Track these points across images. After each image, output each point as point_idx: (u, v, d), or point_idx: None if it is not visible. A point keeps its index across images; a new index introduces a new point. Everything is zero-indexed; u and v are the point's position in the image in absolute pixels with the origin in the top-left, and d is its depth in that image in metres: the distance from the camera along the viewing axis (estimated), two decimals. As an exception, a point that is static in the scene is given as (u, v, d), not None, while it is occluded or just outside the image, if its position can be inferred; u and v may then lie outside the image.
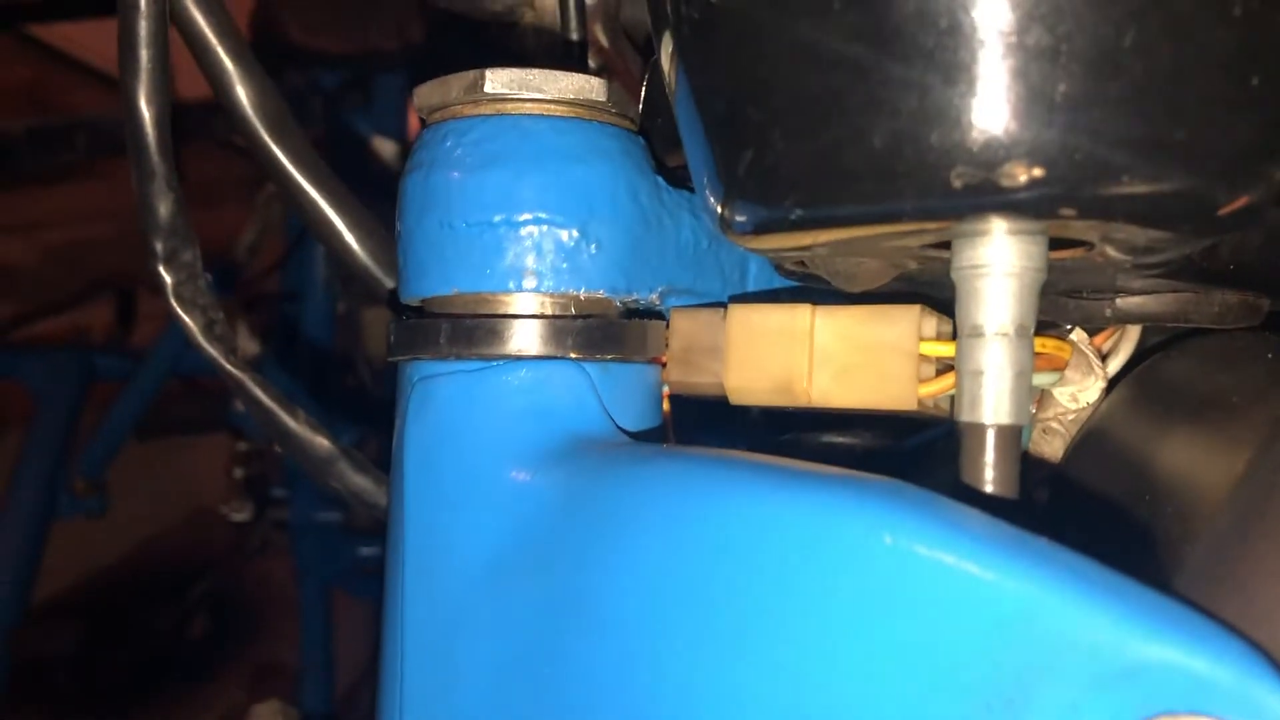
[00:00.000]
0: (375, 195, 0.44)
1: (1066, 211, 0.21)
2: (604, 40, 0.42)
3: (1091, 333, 0.35)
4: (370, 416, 1.34)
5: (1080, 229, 0.23)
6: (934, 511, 0.22)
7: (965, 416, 0.26)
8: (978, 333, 0.25)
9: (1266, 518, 0.21)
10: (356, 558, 1.52)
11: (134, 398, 1.66)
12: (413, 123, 1.34)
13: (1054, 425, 0.34)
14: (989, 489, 0.25)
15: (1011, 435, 0.25)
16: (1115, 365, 0.35)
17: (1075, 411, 0.33)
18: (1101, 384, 0.33)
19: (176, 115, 0.38)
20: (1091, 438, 0.32)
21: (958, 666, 0.21)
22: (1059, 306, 0.34)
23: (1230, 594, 0.20)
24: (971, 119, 0.20)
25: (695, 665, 0.25)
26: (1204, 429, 0.28)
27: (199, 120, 1.49)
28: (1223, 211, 0.21)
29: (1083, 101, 0.20)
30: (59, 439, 1.62)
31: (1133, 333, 0.35)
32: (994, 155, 0.20)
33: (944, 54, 0.20)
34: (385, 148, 1.31)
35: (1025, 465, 0.35)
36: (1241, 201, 0.21)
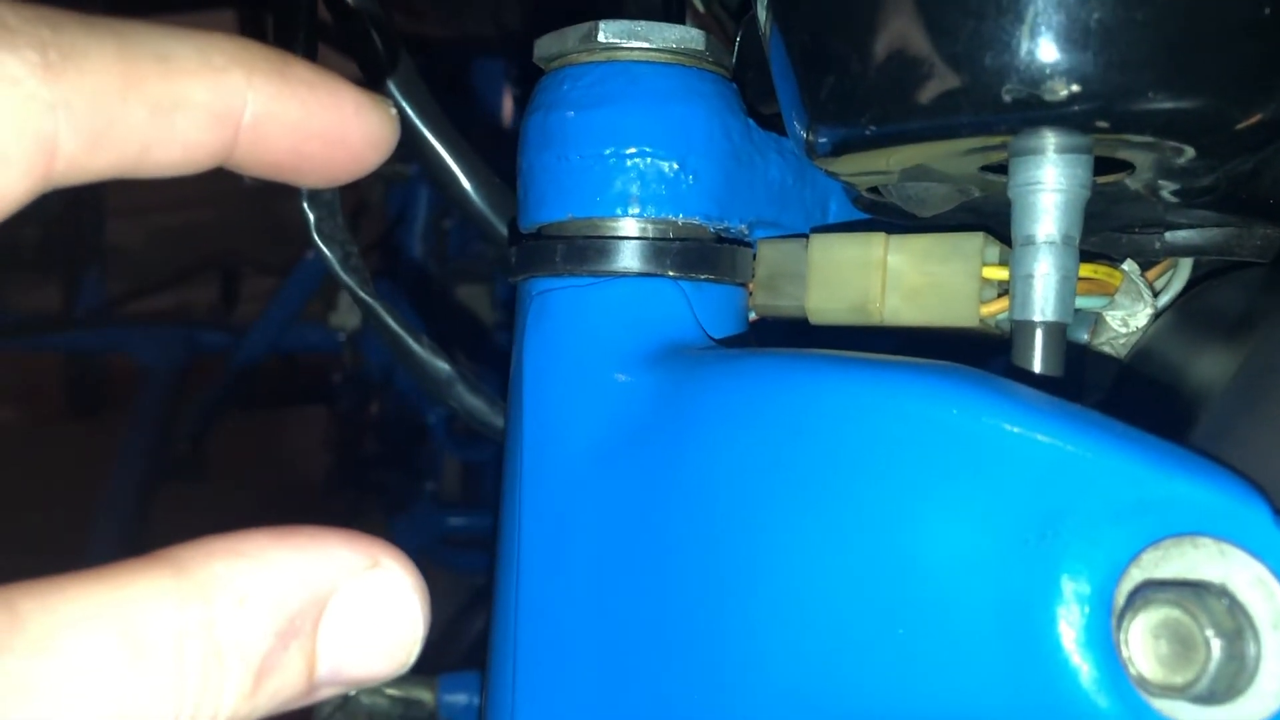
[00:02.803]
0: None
1: (1101, 124, 0.25)
2: (699, 5, 0.46)
3: (1145, 266, 0.38)
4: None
5: (1114, 145, 0.26)
6: (986, 385, 0.26)
7: (1017, 315, 0.29)
8: (1029, 241, 0.29)
9: (1262, 384, 0.24)
10: (445, 528, 1.57)
11: (235, 371, 1.72)
12: (507, 107, 1.39)
13: (1107, 349, 0.37)
14: (1037, 373, 0.29)
15: (1057, 330, 0.29)
16: (1167, 297, 0.38)
17: (1126, 335, 0.36)
18: (1150, 310, 0.36)
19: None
20: (1139, 358, 0.36)
21: (1000, 511, 0.25)
22: (1112, 241, 0.37)
23: (1232, 446, 0.24)
24: (1019, 43, 0.24)
25: (775, 530, 0.29)
26: (1233, 346, 0.31)
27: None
28: (1239, 126, 0.25)
29: (1114, 27, 0.24)
30: (164, 409, 1.70)
31: (1184, 268, 0.38)
32: (1038, 74, 0.24)
33: (996, -13, 0.24)
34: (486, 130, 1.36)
35: (1080, 385, 0.38)
36: (1256, 118, 0.25)
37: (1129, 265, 0.36)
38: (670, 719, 0.32)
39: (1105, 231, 0.37)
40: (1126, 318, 0.36)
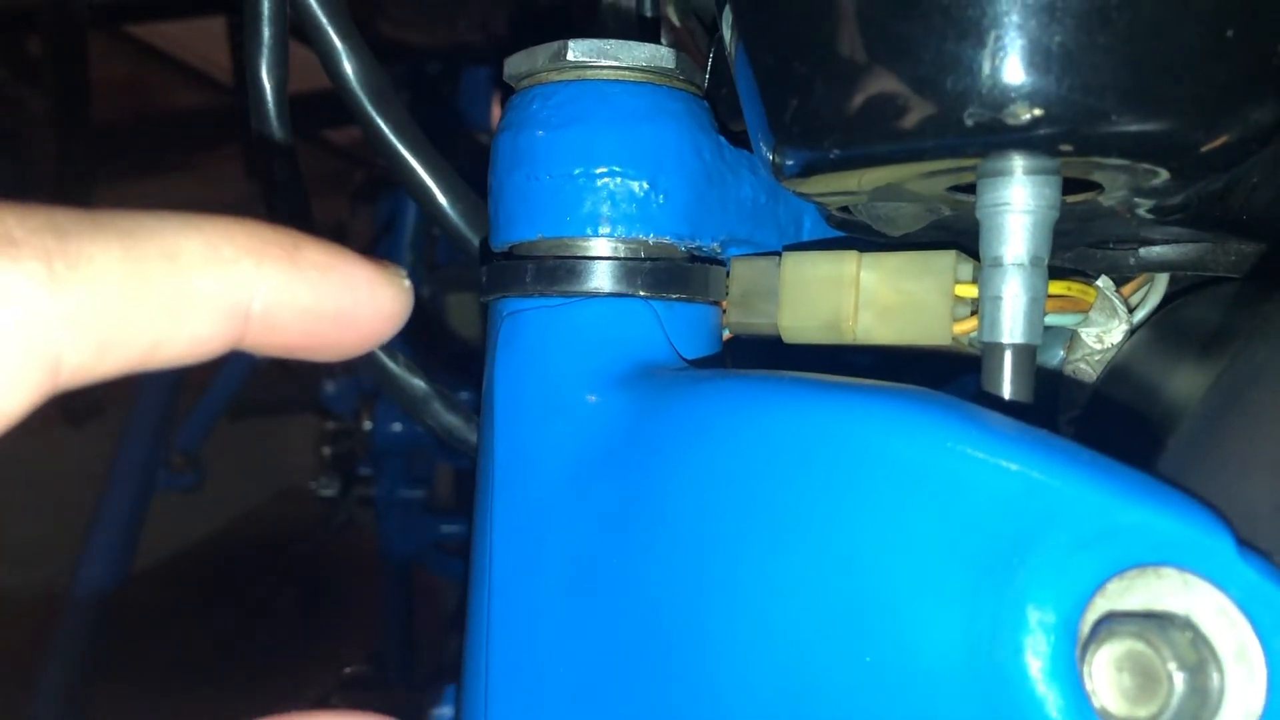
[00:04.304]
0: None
1: (1065, 147, 0.24)
2: (675, 19, 0.46)
3: (1121, 282, 0.38)
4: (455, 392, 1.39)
5: (1083, 167, 0.26)
6: (953, 410, 0.26)
7: (986, 338, 0.29)
8: (997, 263, 0.29)
9: (1233, 409, 0.24)
10: (438, 535, 1.57)
11: (228, 379, 1.72)
12: (495, 115, 1.39)
13: (1082, 366, 0.37)
14: (1006, 398, 0.29)
15: (1026, 353, 0.29)
16: (1143, 313, 0.38)
17: (1101, 352, 0.36)
18: (1125, 326, 0.36)
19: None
20: (1114, 375, 0.35)
21: (967, 538, 0.24)
22: (1087, 257, 0.37)
23: (1201, 468, 0.24)
24: (982, 67, 0.24)
25: (745, 553, 0.29)
26: (1206, 363, 0.31)
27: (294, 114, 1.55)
28: (1204, 149, 0.25)
29: (1076, 51, 0.23)
30: (158, 416, 1.70)
31: (1160, 283, 0.38)
32: (1000, 98, 0.24)
33: (957, 10, 0.24)
34: (472, 138, 1.35)
35: (1055, 402, 0.38)
36: (1221, 141, 0.25)
37: (1103, 281, 0.36)
38: (643, 743, 0.31)
39: (1080, 248, 0.37)
40: (1101, 334, 0.36)
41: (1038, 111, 0.24)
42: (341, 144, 2.31)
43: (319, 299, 0.20)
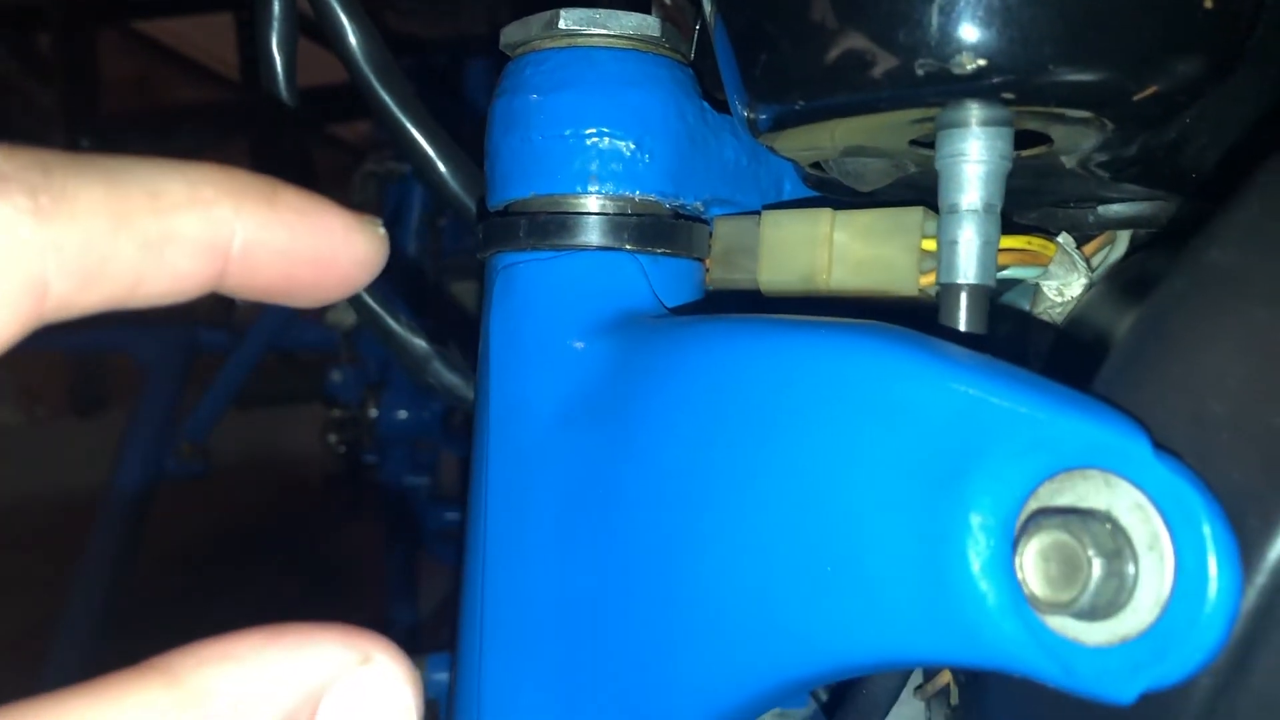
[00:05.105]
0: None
1: (1007, 95, 0.27)
2: (665, -6, 0.48)
3: (1084, 239, 0.40)
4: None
5: (1031, 119, 0.29)
6: (907, 340, 0.28)
7: (943, 279, 0.31)
8: (954, 210, 0.31)
9: (1151, 335, 0.26)
10: (442, 522, 1.59)
11: (235, 370, 1.74)
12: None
13: (1044, 317, 0.39)
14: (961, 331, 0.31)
15: (979, 292, 0.31)
16: (1102, 269, 0.40)
17: (1061, 304, 0.38)
18: (1084, 280, 0.38)
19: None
20: (1073, 325, 0.38)
21: (916, 454, 0.27)
22: (1050, 216, 0.39)
23: (1125, 392, 0.26)
24: (930, 20, 0.26)
25: (718, 479, 0.31)
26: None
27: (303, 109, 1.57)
28: (1136, 98, 0.27)
29: (1015, 6, 0.26)
30: (166, 407, 1.72)
31: (1121, 241, 0.40)
32: (948, 49, 0.26)
33: (908, -30, 0.26)
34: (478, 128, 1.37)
35: (1024, 351, 0.40)
36: (1150, 90, 0.27)
37: (1064, 238, 0.38)
38: (629, 670, 0.34)
39: (1044, 207, 0.39)
40: (1061, 287, 0.38)
41: (982, 62, 0.26)
42: (348, 139, 2.33)
43: (296, 241, 0.21)
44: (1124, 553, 0.23)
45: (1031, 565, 0.24)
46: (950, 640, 0.26)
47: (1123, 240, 0.40)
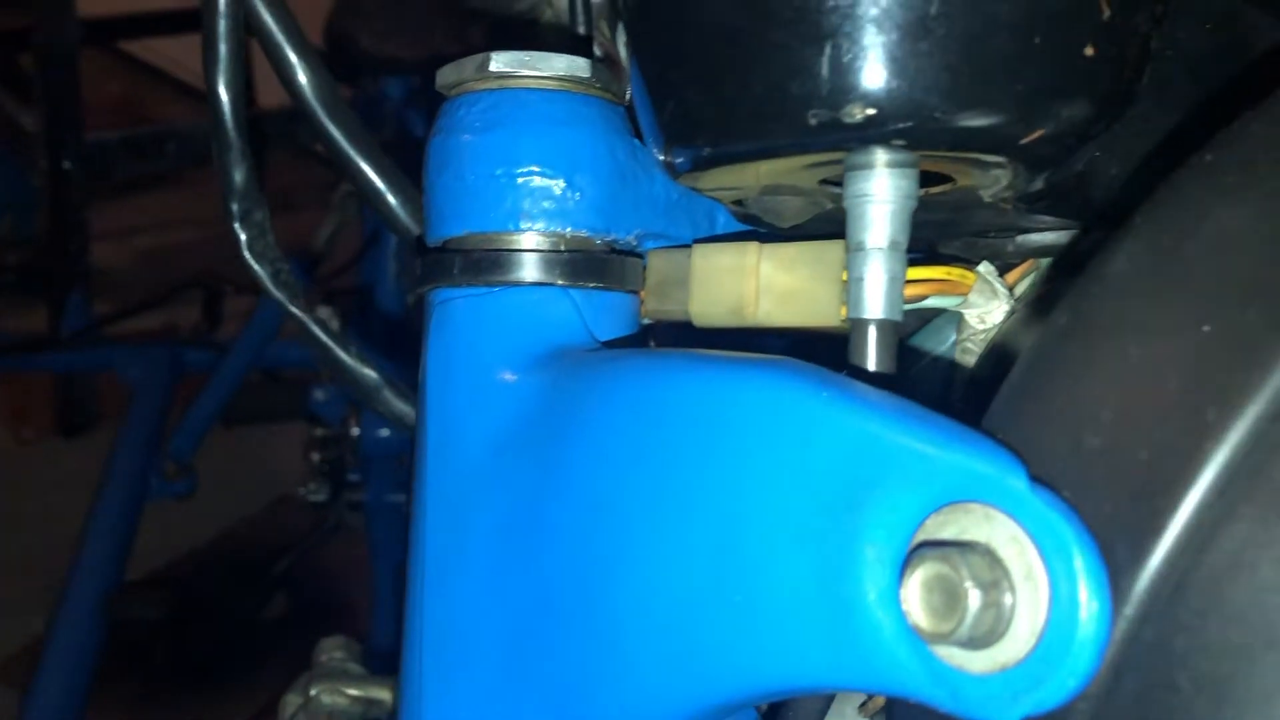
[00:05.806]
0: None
1: (898, 142, 0.28)
2: (606, 34, 0.49)
3: (1007, 269, 0.41)
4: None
5: (932, 161, 0.30)
6: (812, 376, 0.29)
7: (851, 314, 0.32)
8: (860, 248, 0.32)
9: (1034, 368, 0.27)
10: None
11: (220, 388, 1.75)
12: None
13: (968, 345, 0.40)
14: (870, 368, 0.32)
15: (887, 328, 0.32)
16: (1027, 293, 0.41)
17: (983, 331, 0.40)
18: (1005, 307, 0.39)
19: (260, 121, 0.46)
20: (993, 351, 0.39)
21: (816, 487, 0.28)
22: (972, 245, 0.41)
23: (1012, 424, 0.27)
24: (821, 72, 0.27)
25: (637, 509, 0.32)
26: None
27: (281, 126, 1.59)
28: (1024, 142, 0.28)
29: (902, 58, 0.27)
30: (151, 426, 1.73)
31: (1044, 268, 0.41)
32: (838, 99, 0.27)
33: (799, 24, 0.27)
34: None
35: (946, 379, 0.41)
36: (1038, 134, 0.28)
37: (984, 266, 0.39)
38: (559, 694, 0.35)
39: (965, 237, 0.40)
40: (983, 315, 0.39)
41: (871, 111, 0.27)
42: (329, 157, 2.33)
43: None
44: (1001, 584, 0.24)
45: (915, 596, 0.25)
46: (849, 667, 0.27)
47: (1043, 266, 0.41)
